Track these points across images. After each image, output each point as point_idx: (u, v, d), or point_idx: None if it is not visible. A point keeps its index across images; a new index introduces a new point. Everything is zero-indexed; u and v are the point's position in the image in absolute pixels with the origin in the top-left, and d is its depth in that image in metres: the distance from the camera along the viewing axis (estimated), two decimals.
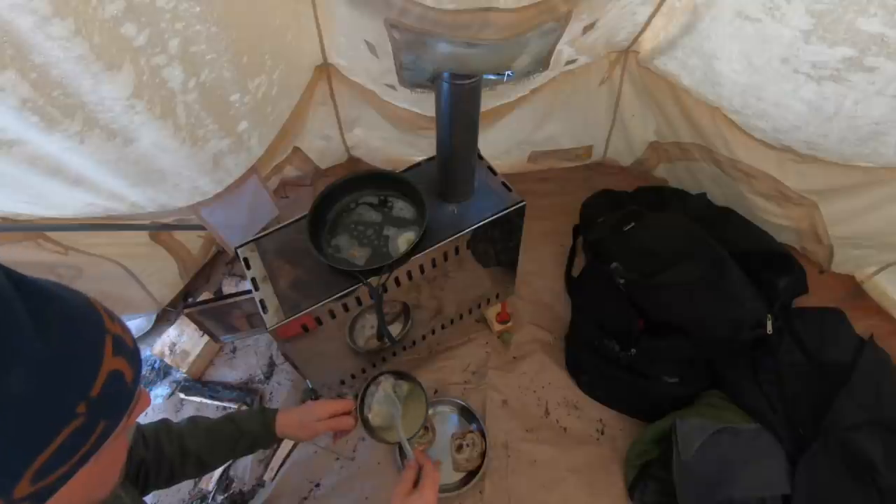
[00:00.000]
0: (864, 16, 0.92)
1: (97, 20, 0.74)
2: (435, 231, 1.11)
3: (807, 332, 1.34)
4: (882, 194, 1.28)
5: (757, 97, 1.25)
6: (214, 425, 0.97)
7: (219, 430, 0.96)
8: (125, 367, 0.46)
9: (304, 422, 1.00)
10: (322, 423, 0.99)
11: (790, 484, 1.15)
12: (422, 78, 1.16)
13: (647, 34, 1.40)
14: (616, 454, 1.38)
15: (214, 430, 0.96)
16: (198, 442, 0.93)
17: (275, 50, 1.16)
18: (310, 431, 0.99)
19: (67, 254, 1.28)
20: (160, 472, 0.89)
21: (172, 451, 0.90)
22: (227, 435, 0.96)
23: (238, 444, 0.97)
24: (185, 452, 0.91)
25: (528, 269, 1.71)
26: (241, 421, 0.98)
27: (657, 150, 1.79)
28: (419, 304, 1.27)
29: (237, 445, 0.97)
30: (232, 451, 0.98)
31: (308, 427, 0.99)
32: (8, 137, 0.82)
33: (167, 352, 1.65)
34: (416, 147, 1.72)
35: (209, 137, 1.11)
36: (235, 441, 0.97)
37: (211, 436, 0.95)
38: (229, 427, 0.97)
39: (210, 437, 0.95)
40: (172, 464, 0.90)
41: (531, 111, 1.63)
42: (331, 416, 1.00)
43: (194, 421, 0.96)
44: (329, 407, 1.01)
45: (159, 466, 0.88)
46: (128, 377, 0.46)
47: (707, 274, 1.31)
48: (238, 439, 0.97)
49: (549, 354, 1.56)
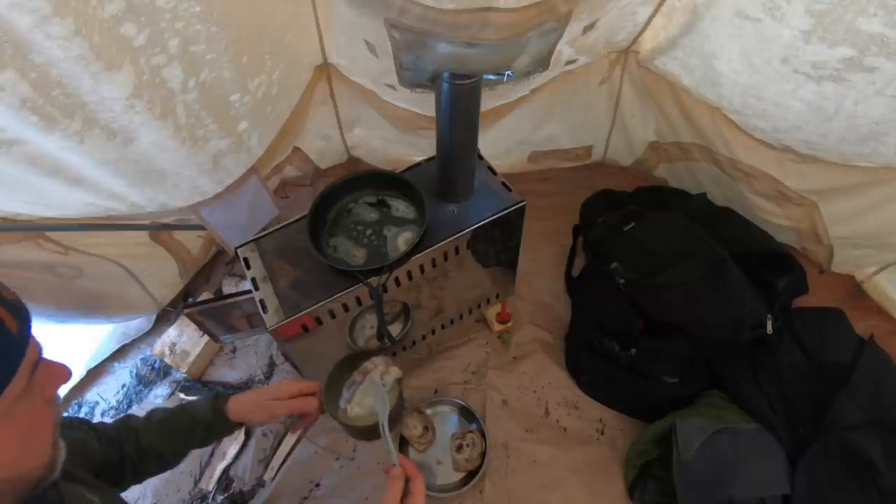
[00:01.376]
0: (864, 16, 0.92)
1: (97, 20, 0.74)
2: (435, 231, 1.11)
3: (807, 332, 1.34)
4: (882, 194, 1.28)
5: (757, 97, 1.25)
6: (168, 417, 0.92)
7: (172, 421, 0.91)
8: (4, 315, 0.46)
9: (260, 403, 0.93)
10: (281, 403, 0.92)
11: (790, 484, 1.15)
12: (422, 78, 1.16)
13: (647, 34, 1.40)
14: (616, 454, 1.38)
15: (168, 422, 0.91)
16: (152, 437, 0.88)
17: (275, 50, 1.16)
18: (267, 413, 0.92)
19: (67, 254, 1.28)
20: (124, 471, 0.86)
21: (131, 450, 0.86)
22: (181, 426, 0.91)
23: (193, 434, 0.92)
24: (142, 449, 0.87)
25: (528, 269, 1.71)
26: (193, 410, 0.93)
27: (657, 150, 1.79)
28: (419, 304, 1.27)
29: (192, 435, 0.92)
30: (188, 443, 0.92)
31: (265, 408, 0.92)
32: (8, 137, 0.82)
33: (167, 352, 1.65)
34: (416, 147, 1.72)
35: (209, 137, 1.11)
36: (190, 431, 0.91)
37: (164, 429, 0.90)
38: (183, 418, 0.92)
39: (163, 430, 0.90)
40: (134, 462, 0.87)
41: (531, 111, 1.63)
42: (291, 397, 0.93)
43: (150, 415, 0.92)
44: (290, 387, 0.94)
45: (123, 465, 0.85)
46: (10, 326, 0.46)
47: (707, 274, 1.31)
48: (192, 429, 0.91)
49: (549, 354, 1.56)
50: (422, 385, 1.53)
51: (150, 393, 1.65)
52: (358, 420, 0.92)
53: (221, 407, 0.93)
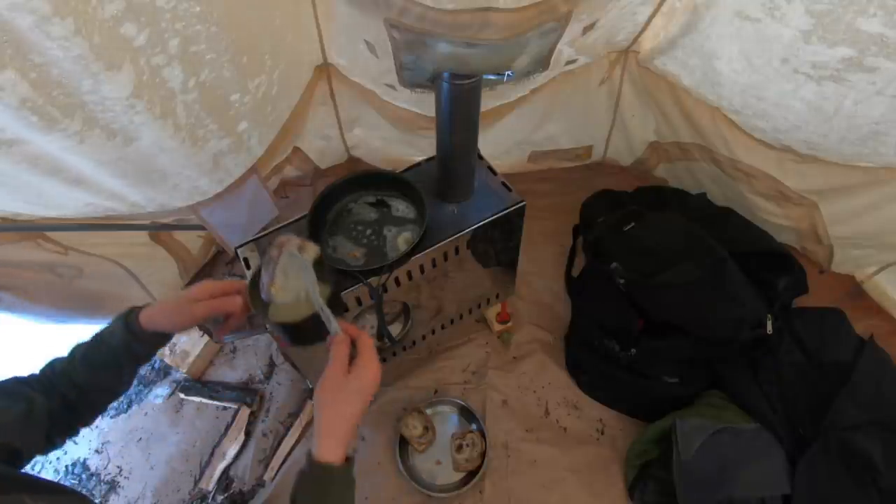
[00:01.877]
0: (864, 16, 0.92)
1: (97, 20, 0.74)
2: (435, 231, 1.11)
3: (807, 332, 1.34)
4: (882, 194, 1.28)
5: (757, 97, 1.25)
6: (88, 351, 0.84)
7: (94, 354, 0.84)
8: None
9: (178, 307, 0.84)
10: (201, 305, 0.83)
11: (790, 484, 1.15)
12: (422, 78, 1.16)
13: (647, 34, 1.39)
14: (616, 454, 1.38)
15: (89, 357, 0.84)
16: (83, 375, 0.82)
17: (275, 50, 1.16)
18: (185, 317, 0.83)
19: (67, 254, 1.28)
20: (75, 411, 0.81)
21: (70, 392, 0.81)
22: (103, 357, 0.84)
23: (118, 359, 0.84)
24: (79, 387, 0.81)
25: (528, 269, 1.71)
26: (108, 336, 0.84)
27: (657, 150, 1.79)
28: (419, 304, 1.27)
29: (119, 360, 0.84)
30: (119, 370, 0.85)
31: (182, 312, 0.83)
32: (7, 137, 0.82)
33: (167, 352, 1.65)
34: (416, 147, 1.72)
35: (209, 137, 1.10)
36: (114, 359, 0.84)
37: (89, 364, 0.83)
38: (102, 349, 0.84)
39: (89, 365, 0.83)
40: (79, 401, 0.81)
41: (531, 111, 1.63)
42: (212, 296, 0.85)
43: (73, 353, 0.84)
44: (209, 287, 0.85)
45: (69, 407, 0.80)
46: None
47: (707, 274, 1.31)
48: (115, 356, 0.84)
49: (549, 354, 1.56)
50: (422, 385, 1.53)
51: (150, 393, 1.65)
52: (288, 313, 0.79)
53: (134, 321, 0.84)
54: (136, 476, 1.51)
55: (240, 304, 0.85)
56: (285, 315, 0.79)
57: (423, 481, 1.35)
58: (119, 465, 1.54)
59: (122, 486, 1.50)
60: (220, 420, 1.57)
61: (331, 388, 0.73)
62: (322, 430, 0.72)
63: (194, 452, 1.53)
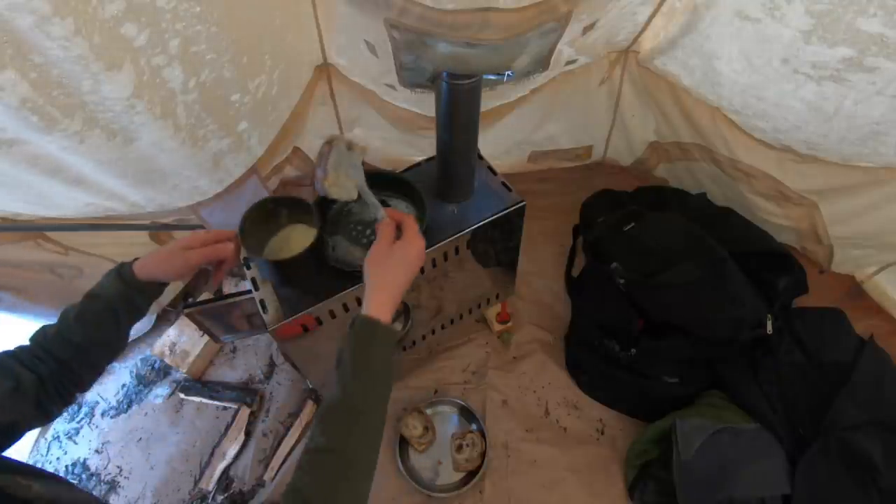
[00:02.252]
0: (864, 16, 0.92)
1: (97, 20, 0.74)
2: (435, 231, 1.11)
3: (807, 332, 1.34)
4: (882, 194, 1.28)
5: (757, 97, 1.25)
6: (83, 310, 0.83)
7: (89, 312, 0.84)
8: None
9: (171, 254, 0.86)
10: (195, 252, 0.87)
11: (790, 484, 1.15)
12: (422, 78, 1.16)
13: (647, 34, 1.39)
14: (616, 454, 1.38)
15: (85, 314, 0.83)
16: (80, 334, 0.81)
17: (275, 50, 1.16)
18: (180, 264, 0.86)
19: (67, 254, 1.28)
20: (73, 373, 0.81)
21: (67, 353, 0.80)
22: (100, 313, 0.84)
23: (116, 313, 0.84)
24: (77, 346, 0.81)
25: (528, 269, 1.71)
26: (102, 291, 0.85)
27: (657, 150, 1.79)
28: (419, 304, 1.27)
29: (117, 314, 0.84)
30: (118, 324, 0.85)
31: (176, 259, 0.86)
32: (7, 137, 0.82)
33: (167, 352, 1.65)
34: (416, 147, 1.72)
35: (209, 137, 1.11)
36: (111, 313, 0.84)
37: (85, 322, 0.82)
38: (96, 304, 0.84)
39: (85, 323, 0.82)
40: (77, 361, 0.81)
41: (531, 111, 1.63)
42: (204, 244, 0.88)
43: (64, 316, 0.83)
44: (201, 235, 0.89)
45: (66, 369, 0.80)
46: None
47: (707, 274, 1.31)
48: (113, 310, 0.84)
49: (549, 354, 1.56)
50: (422, 385, 1.53)
51: (150, 393, 1.65)
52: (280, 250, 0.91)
53: (128, 272, 0.85)
54: (136, 476, 1.51)
55: (232, 250, 0.89)
56: (278, 252, 0.87)
57: (423, 481, 1.35)
58: (119, 465, 1.54)
59: (122, 486, 1.50)
60: (220, 420, 1.57)
61: (378, 259, 0.81)
62: (369, 293, 0.79)
63: (194, 452, 1.53)
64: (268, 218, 1.01)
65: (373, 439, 0.70)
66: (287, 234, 1.03)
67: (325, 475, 0.64)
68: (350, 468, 0.66)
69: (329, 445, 0.66)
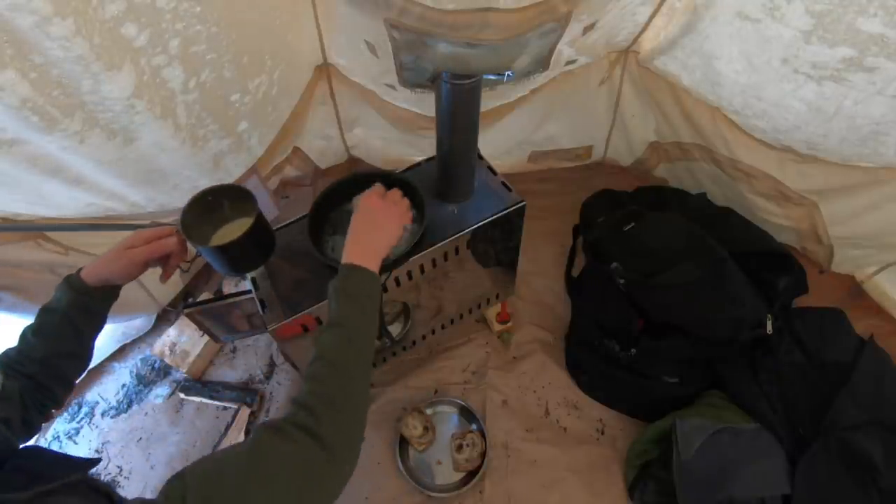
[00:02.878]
0: (864, 16, 0.92)
1: (97, 20, 0.74)
2: (435, 231, 1.11)
3: (807, 332, 1.34)
4: (882, 194, 1.28)
5: (757, 97, 1.25)
6: (39, 326, 0.84)
7: (46, 326, 0.84)
8: None
9: (116, 256, 0.87)
10: (138, 250, 0.87)
11: (790, 484, 1.15)
12: (422, 78, 1.16)
13: (647, 34, 1.40)
14: (616, 454, 1.38)
15: (42, 329, 0.84)
16: (42, 349, 0.82)
17: (275, 50, 1.16)
18: (127, 263, 0.87)
19: (67, 254, 1.28)
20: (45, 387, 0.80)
21: (33, 369, 0.80)
22: (56, 326, 0.84)
23: (73, 323, 0.84)
24: (41, 361, 0.81)
25: (528, 269, 1.71)
26: (55, 304, 0.85)
27: (657, 150, 1.79)
28: (419, 304, 1.27)
29: (74, 324, 0.85)
30: (78, 334, 0.86)
31: (121, 259, 0.86)
32: (8, 137, 0.82)
33: (167, 352, 1.65)
34: (416, 147, 1.72)
35: (209, 137, 1.11)
36: (68, 324, 0.84)
37: (44, 337, 0.83)
38: (52, 318, 0.84)
39: (45, 338, 0.83)
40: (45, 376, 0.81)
41: (531, 111, 1.63)
42: (147, 242, 0.88)
43: (23, 335, 0.84)
44: (143, 234, 0.89)
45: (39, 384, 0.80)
46: None
47: (707, 274, 1.31)
48: (69, 321, 0.84)
49: (549, 354, 1.56)
50: (422, 385, 1.53)
51: (150, 393, 1.65)
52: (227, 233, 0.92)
53: (76, 280, 0.85)
54: (136, 476, 1.51)
55: (175, 244, 0.90)
56: (223, 236, 0.89)
57: (423, 481, 1.35)
58: (119, 465, 1.54)
59: (122, 486, 1.50)
60: (221, 420, 1.57)
61: (365, 211, 0.90)
62: (350, 243, 0.85)
63: (194, 452, 1.53)
64: (210, 210, 0.97)
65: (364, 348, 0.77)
66: (233, 228, 0.98)
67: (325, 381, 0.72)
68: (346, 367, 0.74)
69: (320, 353, 0.72)
